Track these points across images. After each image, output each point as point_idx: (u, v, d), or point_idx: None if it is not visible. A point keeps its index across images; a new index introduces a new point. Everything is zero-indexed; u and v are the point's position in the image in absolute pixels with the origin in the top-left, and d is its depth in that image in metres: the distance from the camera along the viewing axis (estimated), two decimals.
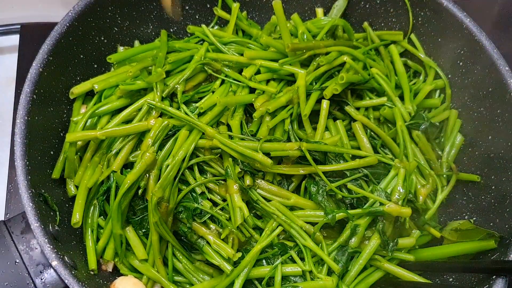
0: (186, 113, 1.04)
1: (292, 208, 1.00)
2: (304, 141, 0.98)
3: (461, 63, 1.15)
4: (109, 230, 0.98)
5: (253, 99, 1.06)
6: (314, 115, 1.07)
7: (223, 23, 1.29)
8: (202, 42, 1.19)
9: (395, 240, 0.99)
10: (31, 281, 0.90)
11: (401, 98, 1.17)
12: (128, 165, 1.04)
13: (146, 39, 1.23)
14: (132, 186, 0.96)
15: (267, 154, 0.96)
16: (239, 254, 0.94)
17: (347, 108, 1.12)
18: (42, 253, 0.88)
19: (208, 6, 1.27)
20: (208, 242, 0.97)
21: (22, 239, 0.93)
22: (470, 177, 1.11)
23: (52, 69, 1.01)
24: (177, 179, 0.98)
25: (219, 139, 0.99)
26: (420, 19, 1.20)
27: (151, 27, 1.23)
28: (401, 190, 1.01)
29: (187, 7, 1.26)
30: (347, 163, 1.00)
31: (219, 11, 1.25)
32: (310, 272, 0.95)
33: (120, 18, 1.16)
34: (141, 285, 0.97)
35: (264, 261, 0.98)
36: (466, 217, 1.10)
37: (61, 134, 1.05)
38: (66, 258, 0.88)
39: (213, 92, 1.10)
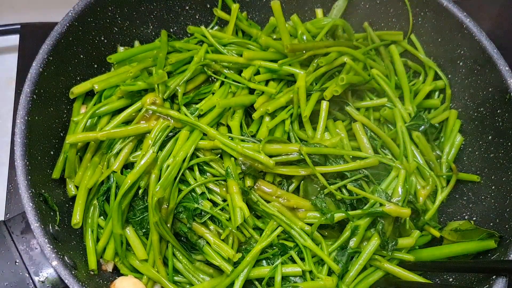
0: (186, 115, 1.04)
1: (292, 209, 1.00)
2: (304, 145, 0.98)
3: (461, 63, 1.15)
4: (109, 230, 0.98)
5: (253, 101, 1.07)
6: (315, 115, 1.07)
7: (223, 23, 1.29)
8: (202, 42, 1.19)
9: (395, 240, 1.00)
10: (31, 281, 0.90)
11: (401, 98, 1.17)
12: (128, 166, 1.04)
13: (146, 39, 1.23)
14: (132, 186, 0.96)
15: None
16: (239, 255, 0.94)
17: (348, 109, 1.13)
18: (42, 253, 0.89)
19: (208, 6, 1.27)
20: (208, 243, 0.97)
21: (22, 239, 0.93)
22: (470, 177, 1.11)
23: (52, 69, 1.01)
24: (177, 179, 0.98)
25: (220, 140, 0.99)
26: (420, 19, 1.20)
27: (151, 27, 1.23)
28: (401, 191, 1.01)
29: (187, 7, 1.26)
30: (347, 164, 1.00)
31: (219, 12, 1.25)
32: (310, 272, 0.95)
33: (120, 18, 1.16)
34: (141, 285, 0.97)
35: (264, 261, 0.98)
36: (466, 217, 1.10)
37: (61, 134, 1.05)
38: (66, 258, 0.88)
39: (213, 93, 1.10)
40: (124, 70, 1.09)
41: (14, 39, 1.42)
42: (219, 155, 1.03)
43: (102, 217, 1.03)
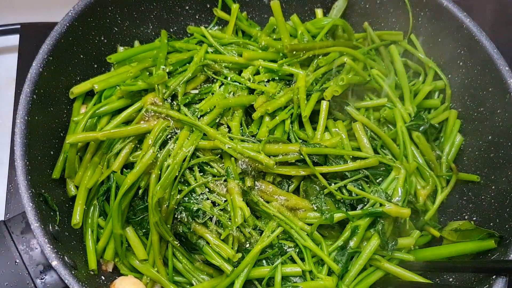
0: (186, 115, 1.04)
1: (292, 209, 1.00)
2: (304, 145, 0.98)
3: (461, 63, 1.15)
4: (109, 230, 0.98)
5: (253, 101, 1.07)
6: (315, 115, 1.07)
7: (223, 23, 1.29)
8: (202, 42, 1.19)
9: (395, 240, 0.99)
10: (31, 281, 0.90)
11: (401, 98, 1.17)
12: (128, 166, 1.04)
13: (146, 39, 1.23)
14: (132, 186, 0.96)
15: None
16: (239, 255, 0.94)
17: (348, 109, 1.12)
18: (42, 253, 0.88)
19: (208, 6, 1.27)
20: (208, 243, 0.97)
21: (22, 239, 0.93)
22: (470, 177, 1.11)
23: (52, 69, 1.01)
24: (177, 179, 0.98)
25: (221, 140, 0.99)
26: (420, 19, 1.20)
27: (151, 27, 1.23)
28: (401, 191, 1.01)
29: (187, 7, 1.26)
30: (347, 164, 1.00)
31: (218, 12, 1.25)
32: (310, 272, 0.95)
33: (120, 18, 1.16)
34: (141, 285, 0.97)
35: (264, 261, 0.98)
36: (466, 217, 1.10)
37: (61, 134, 1.05)
38: (66, 258, 0.88)
39: (212, 93, 1.10)
40: (124, 70, 1.09)
41: (14, 39, 1.42)
42: (219, 155, 1.03)
43: (102, 217, 1.03)
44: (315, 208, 0.99)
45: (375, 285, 0.99)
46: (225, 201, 0.99)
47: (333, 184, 0.99)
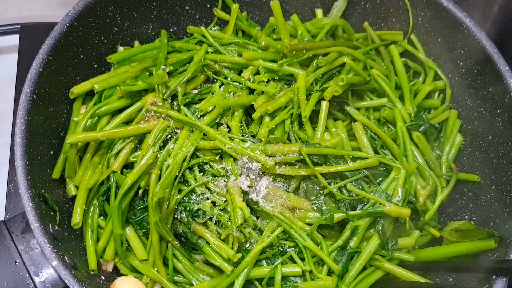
0: (186, 115, 1.04)
1: (292, 209, 1.00)
2: (304, 145, 0.98)
3: (461, 63, 1.15)
4: (109, 230, 0.98)
5: (253, 101, 1.07)
6: (315, 115, 1.07)
7: (223, 23, 1.29)
8: (202, 42, 1.19)
9: (395, 240, 1.00)
10: (31, 281, 0.90)
11: (401, 98, 1.17)
12: (128, 166, 1.04)
13: (146, 39, 1.23)
14: (132, 186, 0.96)
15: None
16: (239, 255, 0.94)
17: (348, 109, 1.13)
18: (42, 253, 0.89)
19: (208, 6, 1.27)
20: (208, 243, 0.97)
21: (22, 239, 0.93)
22: (470, 177, 1.11)
23: (52, 69, 1.01)
24: (177, 179, 0.98)
25: (221, 141, 0.99)
26: (420, 19, 1.20)
27: (151, 27, 1.23)
28: (401, 191, 1.01)
29: (187, 7, 1.26)
30: (347, 165, 1.00)
31: (218, 12, 1.25)
32: (310, 272, 0.95)
33: (120, 18, 1.16)
34: (141, 285, 0.97)
35: (264, 261, 0.98)
36: (466, 217, 1.10)
37: (61, 134, 1.05)
38: (66, 258, 0.88)
39: (212, 93, 1.10)
40: (124, 70, 1.09)
41: (14, 39, 1.42)
42: (219, 155, 1.03)
43: (102, 217, 1.03)
44: (315, 208, 0.99)
45: (375, 285, 0.99)
46: (225, 201, 0.99)
47: (333, 184, 0.99)
